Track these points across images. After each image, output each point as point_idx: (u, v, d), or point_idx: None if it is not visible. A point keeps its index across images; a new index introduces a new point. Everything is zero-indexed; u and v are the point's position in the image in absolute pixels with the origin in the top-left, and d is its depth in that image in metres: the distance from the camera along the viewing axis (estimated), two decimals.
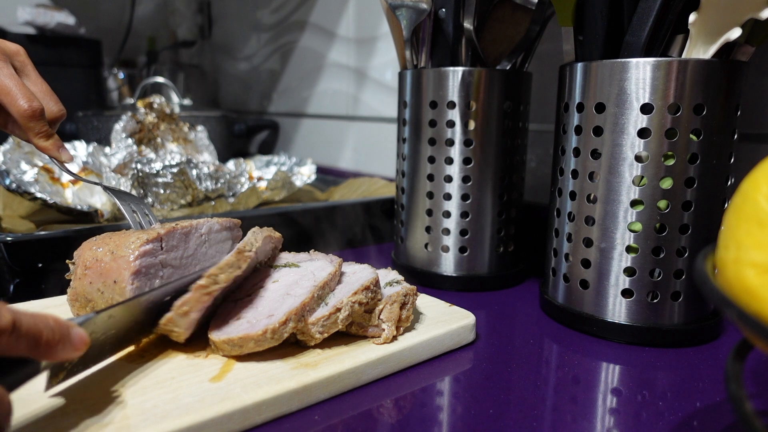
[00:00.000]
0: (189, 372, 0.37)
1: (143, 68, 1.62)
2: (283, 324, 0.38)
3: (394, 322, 0.42)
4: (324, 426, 0.35)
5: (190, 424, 0.31)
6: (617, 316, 0.48)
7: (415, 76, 0.60)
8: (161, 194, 0.75)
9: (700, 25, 0.43)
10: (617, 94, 0.46)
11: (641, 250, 0.46)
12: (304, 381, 0.36)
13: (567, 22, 0.49)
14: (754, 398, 0.39)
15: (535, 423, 0.35)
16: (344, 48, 1.12)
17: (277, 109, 1.41)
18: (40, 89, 0.51)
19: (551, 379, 0.42)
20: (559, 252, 0.52)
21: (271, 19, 1.38)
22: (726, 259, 0.26)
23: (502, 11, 0.59)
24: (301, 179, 0.92)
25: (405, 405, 0.38)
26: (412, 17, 0.57)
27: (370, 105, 1.07)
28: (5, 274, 0.55)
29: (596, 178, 0.48)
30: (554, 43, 0.70)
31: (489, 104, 0.57)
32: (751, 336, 0.24)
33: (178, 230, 0.45)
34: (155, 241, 0.43)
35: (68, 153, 0.51)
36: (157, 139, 0.90)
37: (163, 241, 0.44)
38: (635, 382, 0.41)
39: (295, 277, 0.45)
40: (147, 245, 0.42)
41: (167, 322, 0.38)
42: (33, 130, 0.49)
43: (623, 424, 0.36)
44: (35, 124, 0.48)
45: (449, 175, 0.59)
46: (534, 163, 0.76)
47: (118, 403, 0.33)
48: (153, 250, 0.43)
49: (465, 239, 0.59)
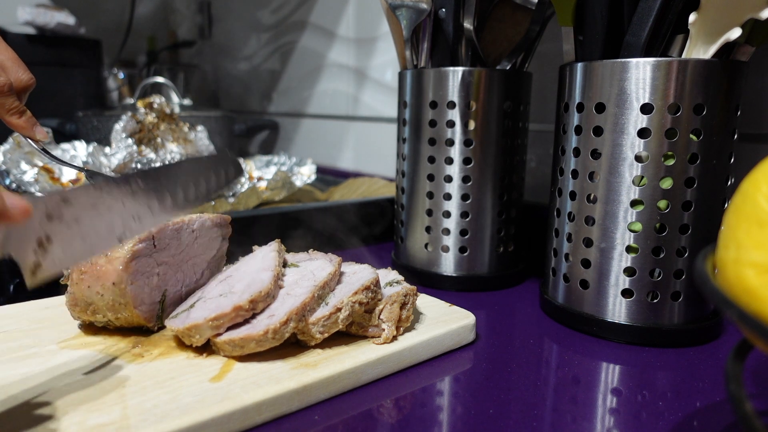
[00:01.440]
0: (189, 372, 0.37)
1: (143, 68, 1.62)
2: (285, 324, 0.38)
3: (394, 322, 0.42)
4: (324, 426, 0.35)
5: (189, 424, 0.31)
6: (617, 316, 0.48)
7: (415, 76, 0.60)
8: None
9: (700, 25, 0.43)
10: (617, 94, 0.46)
11: (641, 250, 0.46)
12: (304, 381, 0.36)
13: (567, 22, 0.49)
14: (754, 398, 0.39)
15: (535, 423, 0.35)
16: (344, 48, 1.12)
17: (277, 109, 1.41)
18: (6, 57, 0.46)
19: (551, 379, 0.42)
20: (559, 252, 0.52)
21: (271, 19, 1.38)
22: (726, 259, 0.26)
23: (502, 11, 0.59)
24: (301, 179, 0.92)
25: (405, 405, 0.38)
26: (412, 17, 0.57)
27: (370, 105, 1.07)
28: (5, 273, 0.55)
29: (596, 178, 0.48)
30: (554, 43, 0.70)
31: (489, 104, 0.57)
32: (751, 336, 0.24)
33: (170, 227, 0.45)
34: (147, 240, 0.43)
35: (43, 131, 0.49)
36: (157, 139, 0.90)
37: (155, 239, 0.44)
38: (635, 382, 0.41)
39: (295, 277, 0.45)
40: (139, 245, 0.42)
41: (192, 327, 0.39)
42: (3, 106, 0.45)
43: (623, 424, 0.36)
44: (5, 100, 0.45)
45: (449, 175, 0.59)
46: (534, 163, 0.76)
47: (118, 403, 0.33)
48: (146, 249, 0.43)
49: (465, 239, 0.59)
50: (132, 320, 0.43)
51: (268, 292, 0.41)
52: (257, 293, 0.40)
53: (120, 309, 0.42)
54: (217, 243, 0.50)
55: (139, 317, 0.42)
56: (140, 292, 0.42)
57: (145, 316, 0.43)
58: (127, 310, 0.42)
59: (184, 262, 0.47)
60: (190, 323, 0.39)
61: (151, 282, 0.43)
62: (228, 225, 0.51)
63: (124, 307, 0.41)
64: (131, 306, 0.41)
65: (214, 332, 0.39)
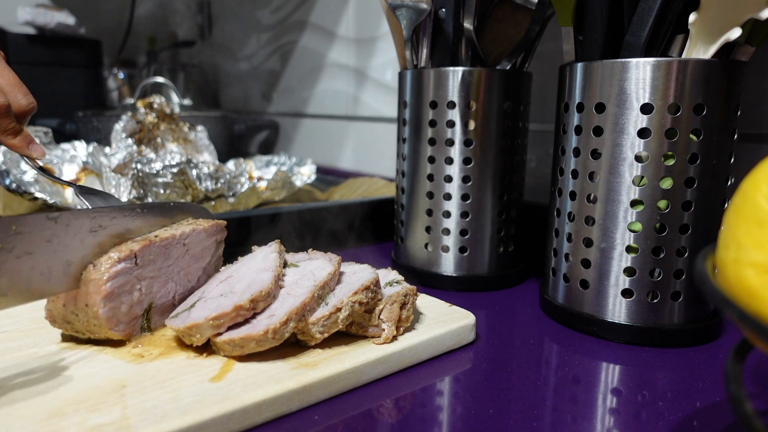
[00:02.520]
0: (189, 372, 0.37)
1: (143, 68, 1.62)
2: (285, 324, 0.38)
3: (394, 322, 0.42)
4: (324, 426, 0.35)
5: (189, 424, 0.31)
6: (617, 316, 0.48)
7: (415, 76, 0.60)
8: (161, 194, 0.75)
9: (700, 25, 0.43)
10: (617, 94, 0.46)
11: (641, 250, 0.46)
12: (304, 381, 0.36)
13: (567, 22, 0.49)
14: (754, 398, 0.39)
15: (535, 423, 0.35)
16: (344, 48, 1.12)
17: (277, 109, 1.41)
18: (7, 81, 0.47)
19: (551, 379, 0.42)
20: (559, 252, 0.52)
21: (271, 19, 1.38)
22: (726, 259, 0.26)
23: (502, 11, 0.59)
24: (301, 179, 0.92)
25: (405, 405, 0.38)
26: (412, 17, 0.57)
27: (370, 105, 1.07)
28: None
29: (596, 178, 0.48)
30: (554, 43, 0.70)
31: (489, 104, 0.57)
32: (751, 336, 0.24)
33: (156, 244, 0.43)
34: (128, 260, 0.41)
35: (40, 149, 0.49)
36: (157, 139, 0.90)
37: (137, 257, 0.41)
38: (635, 382, 0.41)
39: (294, 277, 0.45)
40: (119, 264, 0.40)
41: (193, 327, 0.38)
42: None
43: (623, 424, 0.36)
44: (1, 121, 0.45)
45: (449, 175, 0.59)
46: (534, 163, 0.76)
47: (118, 403, 0.33)
48: (126, 269, 0.41)
49: (465, 239, 0.59)
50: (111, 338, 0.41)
51: (269, 291, 0.41)
52: (258, 293, 0.40)
53: (95, 330, 0.40)
54: (212, 250, 0.49)
55: (116, 336, 0.41)
56: (116, 312, 0.40)
57: (122, 335, 0.41)
58: (102, 331, 0.40)
59: (175, 273, 0.45)
60: (191, 322, 0.39)
61: (131, 299, 0.41)
62: (223, 230, 0.50)
63: (98, 328, 0.40)
64: (105, 328, 0.40)
65: (214, 332, 0.39)
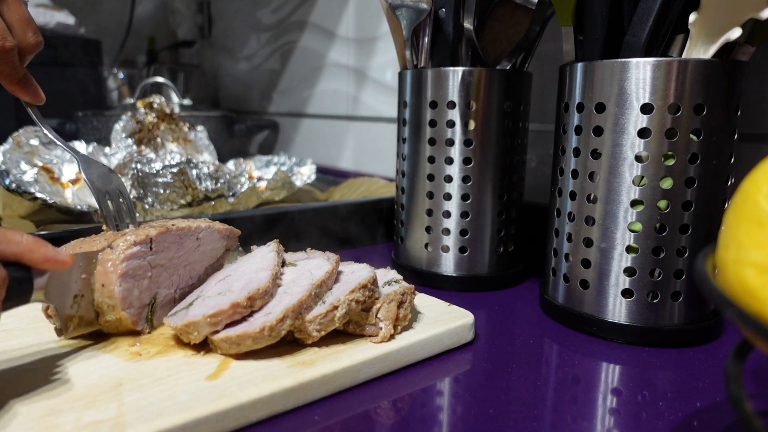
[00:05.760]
0: (185, 370, 0.37)
1: (143, 68, 1.62)
2: (281, 321, 0.38)
3: (391, 320, 0.42)
4: (322, 426, 0.34)
5: (185, 421, 0.31)
6: (617, 316, 0.47)
7: (415, 76, 0.60)
8: (161, 194, 0.75)
9: (700, 25, 0.43)
10: (617, 94, 0.45)
11: (641, 250, 0.46)
12: (300, 379, 0.36)
13: (567, 22, 0.49)
14: (754, 398, 0.39)
15: (535, 423, 0.35)
16: (344, 48, 1.12)
17: (277, 109, 1.41)
18: (18, 17, 0.45)
19: (551, 379, 0.41)
20: (559, 252, 0.52)
21: (271, 19, 1.38)
22: (726, 259, 0.25)
23: (502, 11, 0.59)
24: (301, 179, 0.92)
25: (404, 405, 0.37)
26: (412, 17, 0.57)
27: (370, 105, 1.07)
28: None
29: (596, 178, 0.47)
30: (554, 43, 0.70)
31: (489, 104, 0.57)
32: (751, 336, 0.24)
33: (173, 232, 0.44)
34: (143, 244, 0.42)
35: (40, 94, 0.47)
36: (157, 139, 0.90)
37: (153, 243, 0.43)
38: (635, 382, 0.41)
39: (292, 276, 0.45)
40: (134, 247, 0.41)
41: (190, 324, 0.39)
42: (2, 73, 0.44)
43: (623, 424, 0.36)
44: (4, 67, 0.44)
45: (449, 175, 0.58)
46: (534, 163, 0.75)
47: (114, 400, 0.33)
48: (141, 253, 0.42)
49: (465, 239, 0.59)
50: (119, 325, 0.42)
51: (266, 289, 0.41)
52: (255, 290, 0.40)
53: (108, 311, 0.41)
54: (219, 253, 0.50)
55: (127, 320, 0.42)
56: (129, 294, 0.42)
57: (132, 318, 0.42)
58: (114, 313, 0.41)
59: (181, 266, 0.46)
60: (189, 320, 0.39)
61: (141, 284, 0.43)
62: (235, 239, 0.51)
63: (112, 309, 0.41)
64: (119, 308, 0.41)
65: (211, 329, 0.39)
